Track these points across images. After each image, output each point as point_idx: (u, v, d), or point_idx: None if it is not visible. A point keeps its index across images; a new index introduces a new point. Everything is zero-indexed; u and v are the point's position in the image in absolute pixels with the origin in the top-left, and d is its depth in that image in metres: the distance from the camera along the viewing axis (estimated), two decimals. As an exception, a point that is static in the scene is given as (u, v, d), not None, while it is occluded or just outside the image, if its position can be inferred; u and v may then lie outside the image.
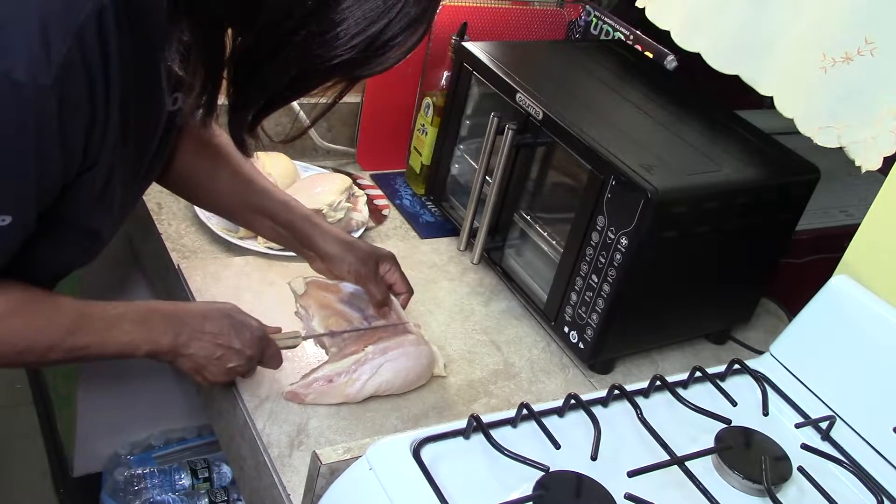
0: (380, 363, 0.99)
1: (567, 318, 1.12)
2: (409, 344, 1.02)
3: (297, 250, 1.09)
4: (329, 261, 1.05)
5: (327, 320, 1.05)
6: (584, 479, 0.79)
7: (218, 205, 1.09)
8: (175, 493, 1.73)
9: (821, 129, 1.03)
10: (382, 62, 0.72)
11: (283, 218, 1.06)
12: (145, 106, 0.83)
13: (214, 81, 0.75)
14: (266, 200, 1.06)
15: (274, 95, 0.75)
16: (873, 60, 0.97)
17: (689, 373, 0.96)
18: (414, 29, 0.71)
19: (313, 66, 0.70)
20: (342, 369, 0.98)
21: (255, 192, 1.06)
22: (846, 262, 1.02)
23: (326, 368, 0.99)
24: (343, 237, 1.07)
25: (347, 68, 0.71)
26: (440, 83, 1.39)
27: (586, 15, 1.47)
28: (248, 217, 1.07)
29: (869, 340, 0.95)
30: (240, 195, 1.05)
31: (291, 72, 0.71)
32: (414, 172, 1.46)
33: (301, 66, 0.71)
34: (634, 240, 1.01)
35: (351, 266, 1.04)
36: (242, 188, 1.05)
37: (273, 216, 1.06)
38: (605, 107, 1.17)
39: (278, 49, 0.70)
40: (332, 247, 1.05)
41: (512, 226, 1.23)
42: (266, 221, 1.06)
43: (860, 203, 1.41)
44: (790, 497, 0.85)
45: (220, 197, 1.06)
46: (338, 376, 0.98)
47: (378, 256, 1.07)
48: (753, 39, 1.11)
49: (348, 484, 0.79)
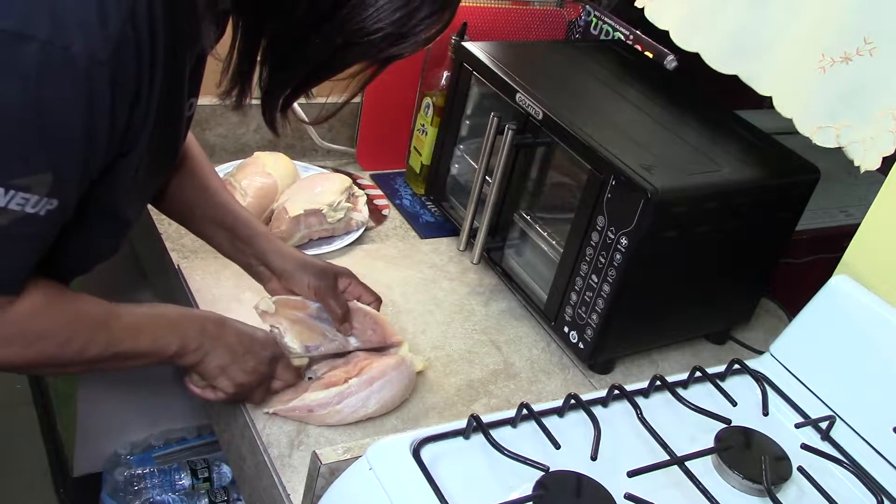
0: (365, 396, 0.98)
1: (567, 318, 1.12)
2: (392, 369, 1.00)
3: (250, 268, 1.08)
4: (287, 278, 1.06)
5: (301, 335, 1.04)
6: (584, 479, 0.79)
7: (179, 213, 1.07)
8: (175, 493, 1.73)
9: (819, 129, 1.03)
10: (415, 40, 0.75)
11: (244, 233, 1.06)
12: (173, 101, 0.83)
13: (251, 60, 0.77)
14: (228, 215, 1.06)
15: (312, 71, 0.77)
16: (872, 60, 0.97)
17: (689, 373, 0.96)
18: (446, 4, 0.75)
19: (355, 38, 0.72)
20: (324, 401, 0.97)
21: (218, 204, 1.06)
22: (846, 262, 1.02)
23: (307, 398, 0.97)
24: (299, 255, 1.08)
25: (385, 43, 0.73)
26: (440, 83, 1.39)
27: (586, 15, 1.47)
28: (208, 229, 1.07)
29: (869, 340, 0.95)
30: (202, 206, 1.05)
31: (334, 43, 0.73)
32: (414, 172, 1.46)
33: (344, 37, 0.72)
34: (634, 240, 1.01)
35: (310, 282, 1.05)
36: (206, 199, 1.05)
37: (233, 230, 1.06)
38: (605, 107, 1.17)
39: (322, 21, 0.71)
40: (290, 264, 1.06)
41: (512, 226, 1.23)
42: (225, 235, 1.06)
43: (860, 203, 1.41)
44: (790, 497, 0.85)
45: (183, 206, 1.05)
46: (320, 407, 0.97)
47: (335, 272, 1.08)
48: (752, 39, 1.11)
49: (348, 484, 0.79)
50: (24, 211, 0.70)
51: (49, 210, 0.72)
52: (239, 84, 0.79)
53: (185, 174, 1.04)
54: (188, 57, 0.82)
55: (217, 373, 0.93)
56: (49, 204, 0.72)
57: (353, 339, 1.07)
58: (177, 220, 1.10)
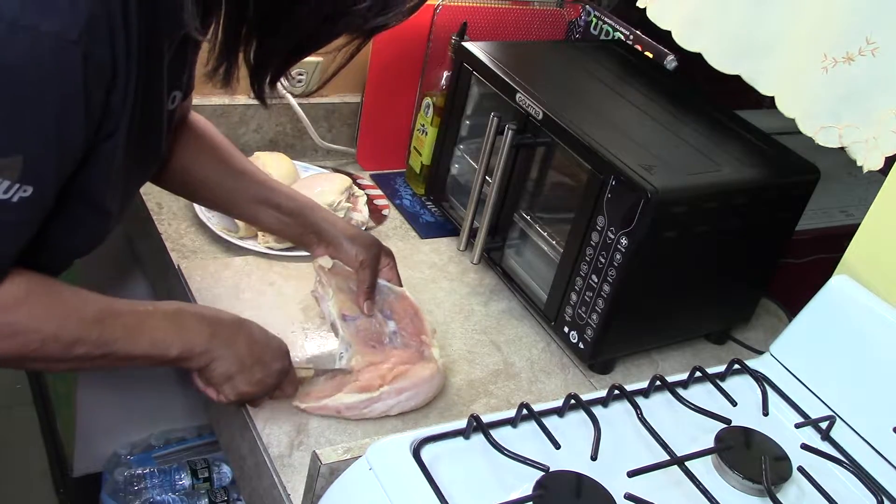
0: (392, 403, 0.99)
1: (567, 318, 1.12)
2: (424, 382, 1.00)
3: (298, 240, 1.10)
4: (337, 246, 1.07)
5: (343, 304, 1.05)
6: (584, 479, 0.79)
7: (220, 200, 1.09)
8: (175, 493, 1.73)
9: (822, 129, 1.03)
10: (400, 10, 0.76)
11: (289, 207, 1.07)
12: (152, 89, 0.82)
13: (237, 35, 0.77)
14: (269, 191, 1.07)
15: (299, 43, 0.77)
16: (875, 60, 0.97)
17: (689, 373, 0.96)
18: None
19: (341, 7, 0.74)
20: (354, 404, 0.98)
21: (257, 183, 1.07)
22: (846, 262, 1.02)
23: (341, 399, 0.97)
24: (349, 226, 1.09)
25: (371, 13, 0.74)
26: (440, 83, 1.39)
27: (586, 15, 1.47)
28: (252, 209, 1.07)
29: (869, 340, 0.95)
30: (243, 188, 1.06)
31: (321, 13, 0.74)
32: (414, 172, 1.46)
33: (331, 7, 0.74)
34: (634, 240, 1.00)
35: (359, 252, 1.06)
36: (245, 181, 1.06)
37: (278, 206, 1.06)
38: (605, 107, 1.17)
39: None
40: (340, 233, 1.07)
41: (512, 226, 1.23)
42: (270, 212, 1.07)
43: (860, 203, 1.41)
44: (790, 497, 0.85)
45: (223, 192, 1.06)
46: (348, 410, 0.98)
47: (381, 249, 1.09)
48: (754, 39, 1.11)
49: (348, 484, 0.78)
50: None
51: (23, 197, 0.70)
52: (226, 61, 0.79)
53: (218, 163, 1.05)
54: (166, 44, 0.81)
55: (222, 380, 0.91)
56: (23, 191, 0.70)
57: (391, 322, 1.07)
58: (220, 209, 1.12)
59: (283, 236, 1.13)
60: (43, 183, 0.72)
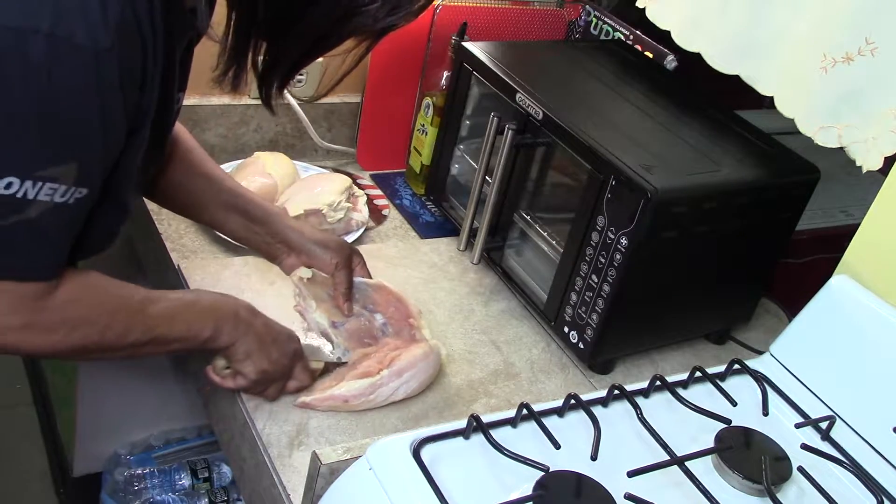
0: (396, 386, 1.00)
1: (567, 318, 1.12)
2: (420, 360, 1.02)
3: (266, 250, 1.10)
4: (307, 254, 1.08)
5: (328, 312, 1.06)
6: (584, 479, 0.79)
7: (188, 204, 1.08)
8: (175, 493, 1.73)
9: (821, 129, 1.03)
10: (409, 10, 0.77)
11: (257, 214, 1.07)
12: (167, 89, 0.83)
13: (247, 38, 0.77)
14: (239, 198, 1.07)
15: (310, 46, 0.78)
16: (874, 60, 0.97)
17: (689, 373, 0.96)
18: None
19: (352, 7, 0.74)
20: (359, 391, 0.99)
21: (226, 190, 1.07)
22: (846, 262, 1.02)
23: (344, 388, 0.99)
24: (316, 232, 1.10)
25: (382, 13, 0.75)
26: (440, 83, 1.39)
27: (586, 15, 1.47)
28: (220, 215, 1.08)
29: (869, 340, 0.95)
30: (211, 193, 1.06)
31: (332, 14, 0.74)
32: (414, 172, 1.46)
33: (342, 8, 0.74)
34: (634, 240, 1.01)
35: (332, 256, 1.07)
36: (213, 187, 1.07)
37: (246, 213, 1.07)
38: (605, 107, 1.17)
39: None
40: (309, 240, 1.08)
41: (512, 226, 1.23)
42: (238, 219, 1.07)
43: (860, 203, 1.41)
44: (790, 497, 0.85)
45: (190, 196, 1.06)
46: (354, 398, 0.99)
47: (351, 249, 1.10)
48: (754, 39, 1.11)
49: (348, 484, 0.79)
50: (52, 201, 0.71)
51: (78, 198, 0.74)
52: (235, 64, 0.80)
53: (186, 166, 1.05)
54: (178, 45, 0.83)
55: (243, 356, 0.94)
56: (78, 192, 0.73)
57: (378, 315, 1.08)
58: (184, 213, 1.11)
59: (250, 245, 1.12)
60: (94, 183, 0.75)
